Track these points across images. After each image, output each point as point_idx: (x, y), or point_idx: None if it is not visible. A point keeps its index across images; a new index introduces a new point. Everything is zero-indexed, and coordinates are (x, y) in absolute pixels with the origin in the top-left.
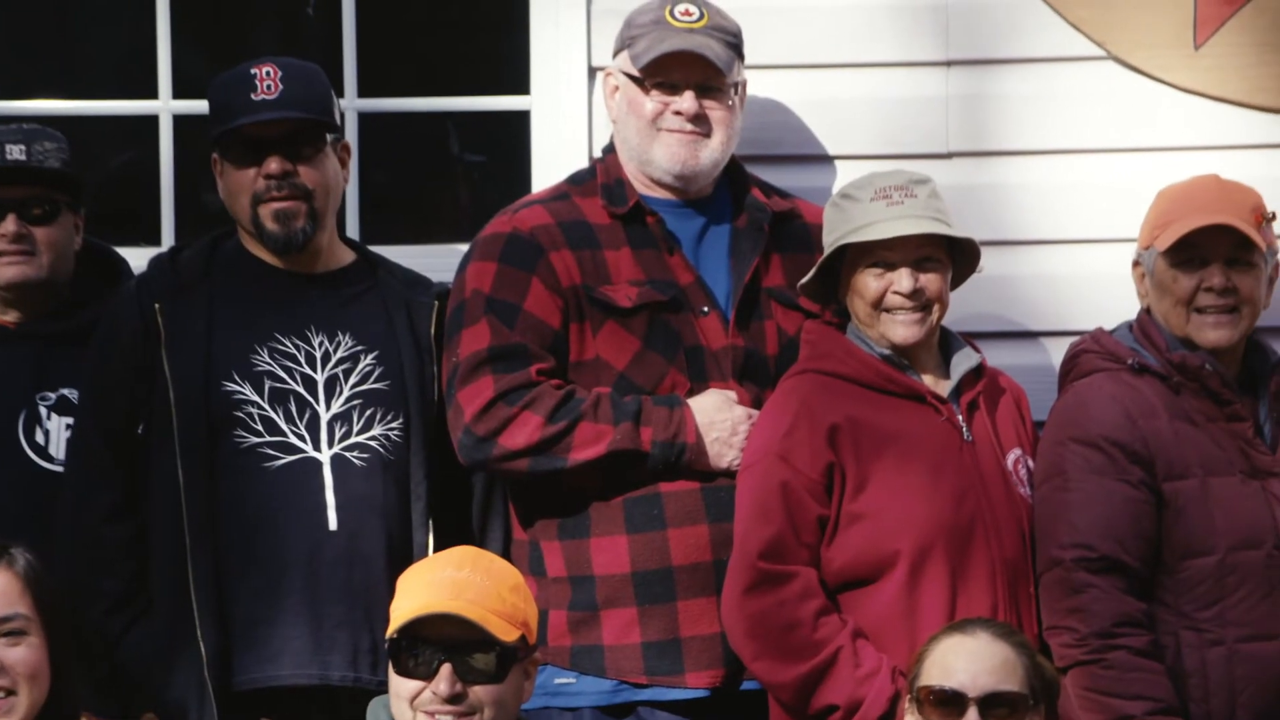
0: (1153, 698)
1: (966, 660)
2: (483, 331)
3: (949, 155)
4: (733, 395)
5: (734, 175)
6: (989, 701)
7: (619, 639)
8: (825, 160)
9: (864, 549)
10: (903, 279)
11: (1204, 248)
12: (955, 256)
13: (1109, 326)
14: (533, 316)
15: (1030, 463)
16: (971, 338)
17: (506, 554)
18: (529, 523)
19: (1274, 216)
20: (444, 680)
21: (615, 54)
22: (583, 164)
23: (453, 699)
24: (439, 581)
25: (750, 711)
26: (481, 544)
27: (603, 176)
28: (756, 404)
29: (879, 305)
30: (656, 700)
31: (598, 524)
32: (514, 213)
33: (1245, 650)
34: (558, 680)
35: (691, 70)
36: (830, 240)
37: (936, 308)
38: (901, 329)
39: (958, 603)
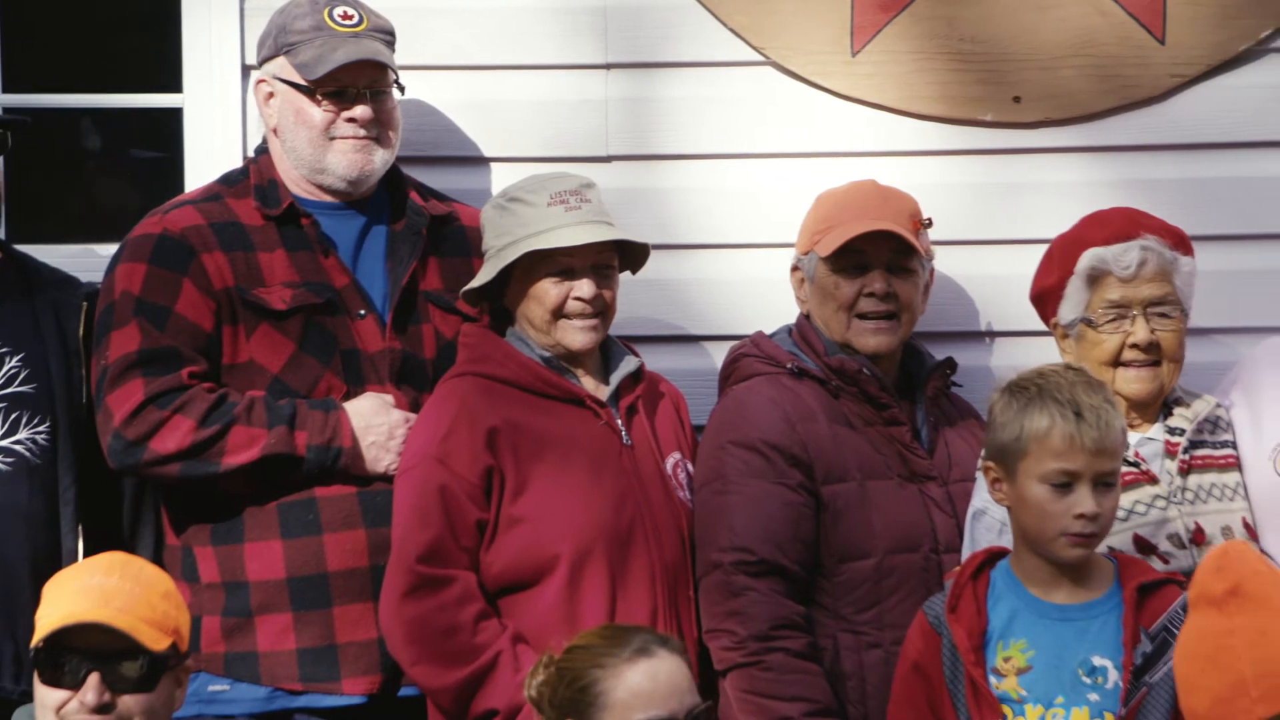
0: (811, 699)
1: None
2: (133, 334)
3: (609, 158)
4: (390, 399)
5: (392, 177)
6: None
7: (274, 645)
8: (483, 162)
9: (523, 553)
10: (584, 286)
11: (865, 254)
12: (621, 261)
13: (769, 330)
14: (184, 319)
15: (690, 466)
16: (632, 342)
17: (158, 560)
18: (181, 528)
19: (930, 223)
20: (91, 690)
21: (269, 58)
22: (238, 163)
23: (101, 709)
24: (86, 589)
25: (409, 718)
26: (132, 550)
27: (255, 178)
28: (414, 407)
29: (558, 312)
30: (312, 707)
31: (252, 529)
32: (164, 213)
33: None
34: (211, 688)
35: (360, 75)
36: (503, 243)
37: (609, 314)
38: (580, 335)
39: (617, 606)
